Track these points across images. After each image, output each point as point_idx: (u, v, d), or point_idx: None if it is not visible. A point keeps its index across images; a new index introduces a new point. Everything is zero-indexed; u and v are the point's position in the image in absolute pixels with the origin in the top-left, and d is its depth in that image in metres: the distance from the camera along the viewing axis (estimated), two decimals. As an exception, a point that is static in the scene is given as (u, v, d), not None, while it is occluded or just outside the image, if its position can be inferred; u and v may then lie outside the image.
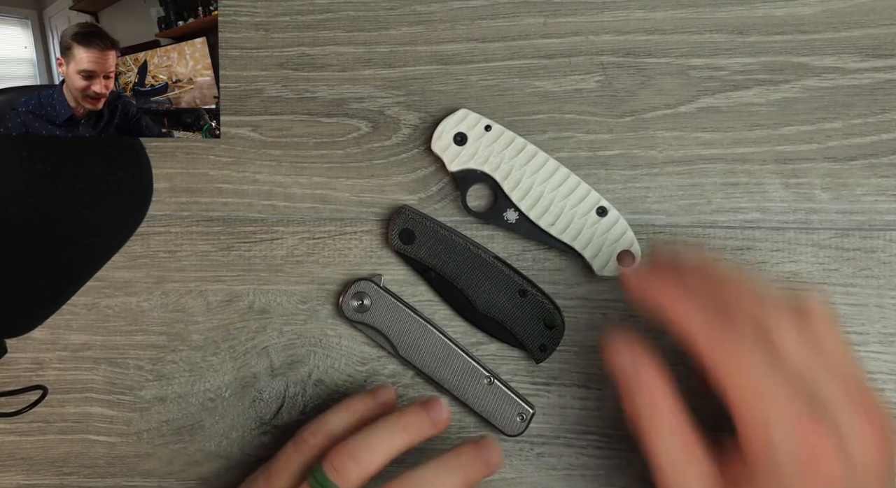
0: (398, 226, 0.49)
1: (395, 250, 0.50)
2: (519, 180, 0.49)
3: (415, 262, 0.50)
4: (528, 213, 0.49)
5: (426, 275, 0.50)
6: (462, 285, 0.49)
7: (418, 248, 0.49)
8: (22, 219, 0.48)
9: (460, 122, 0.50)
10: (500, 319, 0.49)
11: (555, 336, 0.49)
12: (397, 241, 0.49)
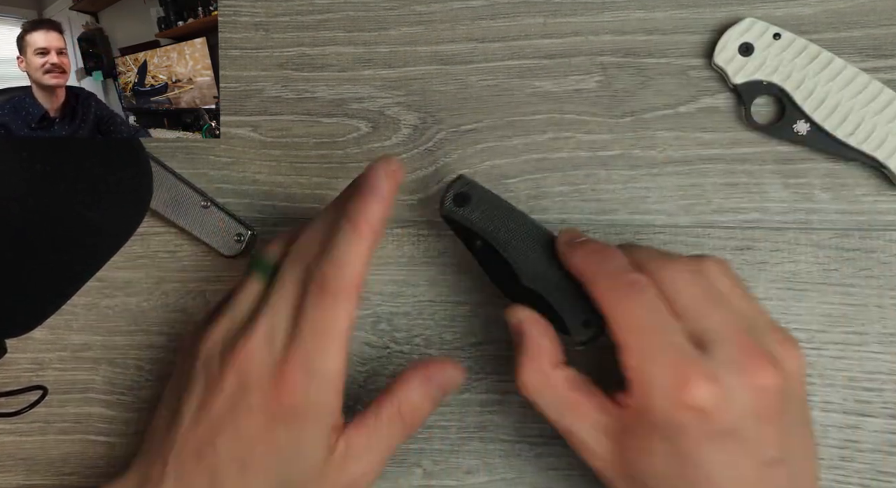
0: (454, 189, 0.46)
1: (446, 215, 0.46)
2: (812, 89, 0.48)
3: (464, 230, 0.46)
4: (822, 124, 0.48)
5: (473, 244, 0.46)
6: (510, 255, 0.45)
7: (471, 212, 0.46)
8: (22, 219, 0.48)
9: (746, 31, 0.49)
10: (544, 291, 0.45)
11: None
12: (450, 204, 0.46)
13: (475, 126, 0.51)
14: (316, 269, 0.41)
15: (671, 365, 0.38)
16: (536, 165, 0.51)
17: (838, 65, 0.49)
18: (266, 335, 0.41)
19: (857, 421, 0.49)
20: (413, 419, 0.43)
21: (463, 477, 0.50)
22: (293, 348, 0.40)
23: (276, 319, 0.41)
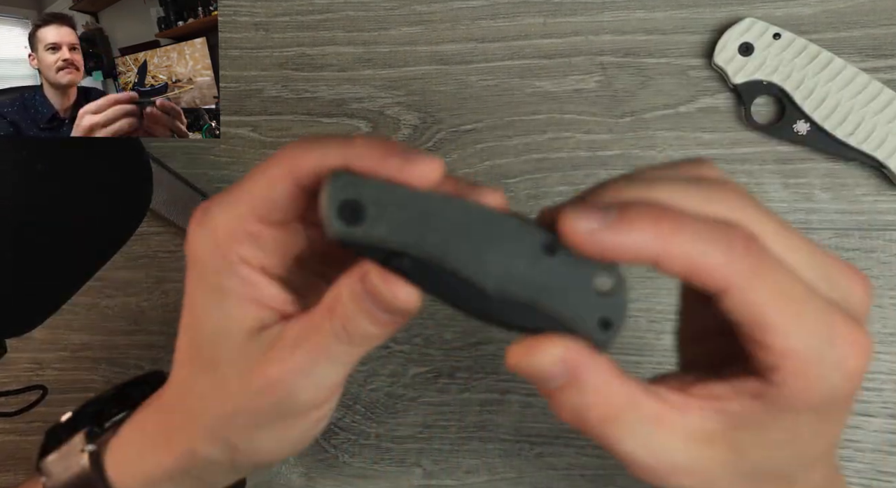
0: (334, 198, 0.29)
1: (339, 240, 0.29)
2: (812, 89, 0.48)
3: (373, 250, 0.30)
4: (822, 124, 0.48)
5: (394, 264, 0.30)
6: (455, 263, 0.30)
7: (373, 226, 0.29)
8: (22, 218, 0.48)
9: (746, 31, 0.49)
10: (527, 298, 0.30)
11: (617, 302, 0.30)
12: (337, 224, 0.29)
13: (475, 126, 0.51)
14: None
15: (837, 333, 0.29)
16: (536, 165, 0.51)
17: (838, 65, 0.49)
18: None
19: (858, 421, 0.48)
20: (347, 325, 0.33)
21: (463, 477, 0.50)
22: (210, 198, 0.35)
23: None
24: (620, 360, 0.49)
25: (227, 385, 0.34)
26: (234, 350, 0.34)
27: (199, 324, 0.34)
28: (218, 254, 0.33)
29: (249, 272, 0.34)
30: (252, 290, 0.34)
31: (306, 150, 0.32)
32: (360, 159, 0.31)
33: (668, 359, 0.49)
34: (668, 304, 0.50)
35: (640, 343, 0.50)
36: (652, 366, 0.49)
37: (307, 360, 0.33)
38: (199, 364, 0.35)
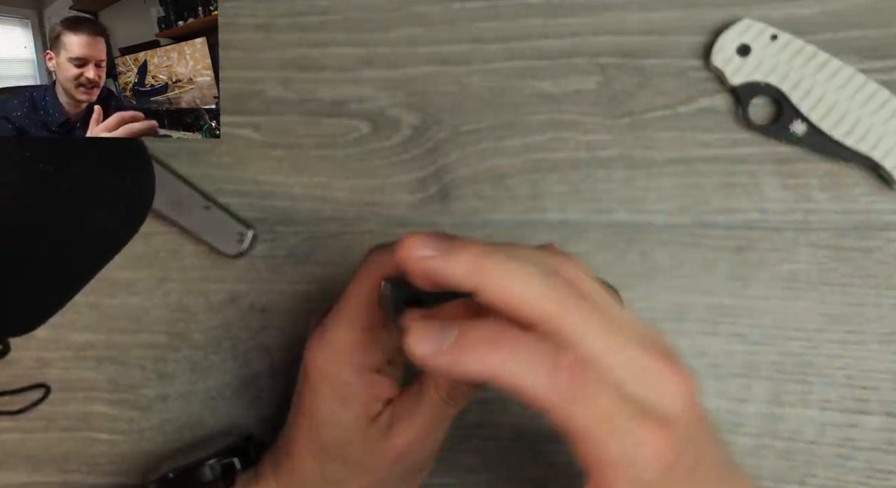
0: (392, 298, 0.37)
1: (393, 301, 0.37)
2: (810, 90, 0.48)
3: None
4: (819, 124, 0.48)
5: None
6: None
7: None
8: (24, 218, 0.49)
9: (743, 32, 0.49)
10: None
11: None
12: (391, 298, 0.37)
13: (475, 126, 0.51)
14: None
15: (642, 436, 0.32)
16: (536, 165, 0.51)
17: (835, 65, 0.49)
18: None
19: (855, 419, 0.49)
20: (450, 391, 0.40)
21: (463, 475, 0.50)
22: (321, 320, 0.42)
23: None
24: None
25: (360, 466, 0.41)
26: (362, 439, 0.41)
27: (324, 426, 0.41)
28: (344, 368, 0.41)
29: (369, 375, 0.41)
30: (373, 390, 0.41)
31: (391, 256, 0.36)
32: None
33: (667, 358, 0.50)
34: (666, 303, 0.50)
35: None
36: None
37: (425, 426, 0.41)
38: (328, 459, 0.42)
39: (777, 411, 0.49)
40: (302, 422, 0.43)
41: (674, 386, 0.34)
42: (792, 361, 0.49)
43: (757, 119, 0.50)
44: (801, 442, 0.49)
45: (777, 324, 0.49)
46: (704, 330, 0.50)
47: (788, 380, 0.49)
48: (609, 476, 0.34)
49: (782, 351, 0.49)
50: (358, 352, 0.41)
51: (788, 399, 0.49)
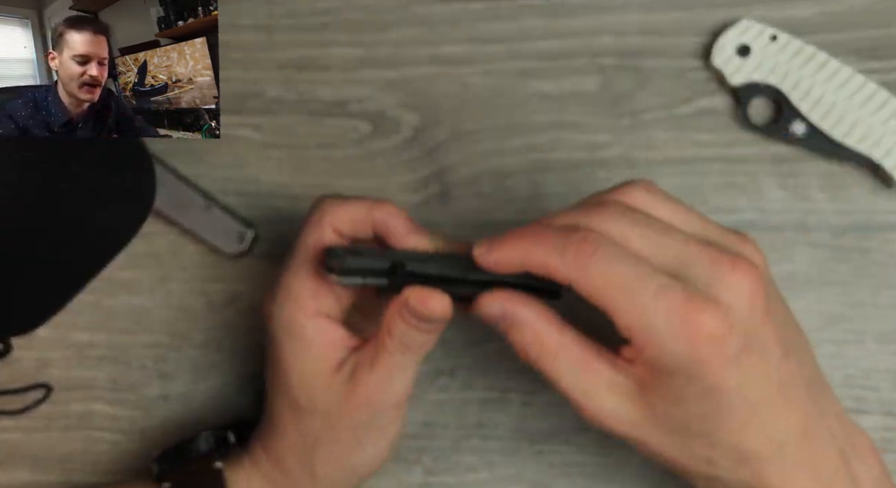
0: (333, 256, 0.40)
1: (343, 269, 0.40)
2: (809, 90, 0.49)
3: (370, 273, 0.40)
4: (818, 124, 0.48)
5: (390, 280, 0.40)
6: (437, 264, 0.41)
7: (365, 258, 0.40)
8: (26, 218, 0.49)
9: (743, 32, 0.49)
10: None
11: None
12: (340, 263, 0.40)
13: (475, 126, 0.52)
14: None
15: (666, 307, 0.35)
16: (536, 165, 0.51)
17: (834, 66, 0.49)
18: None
19: (854, 419, 0.49)
20: (401, 339, 0.41)
21: (463, 475, 0.50)
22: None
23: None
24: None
25: (329, 416, 0.42)
26: (327, 386, 0.42)
27: (289, 376, 0.43)
28: (300, 312, 0.42)
29: (322, 321, 0.42)
30: (327, 335, 0.42)
31: (340, 206, 0.42)
32: (381, 222, 0.42)
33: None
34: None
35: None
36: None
37: (383, 374, 0.42)
38: (298, 409, 0.43)
39: (776, 410, 0.49)
40: (272, 380, 0.44)
41: (729, 275, 0.36)
42: (791, 361, 0.49)
43: (756, 119, 0.50)
44: (799, 441, 0.49)
45: (776, 323, 0.49)
46: (704, 329, 0.50)
47: (787, 380, 0.49)
48: (636, 341, 0.36)
49: (781, 350, 0.49)
50: (310, 297, 0.42)
51: (787, 398, 0.49)
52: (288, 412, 0.43)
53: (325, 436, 0.43)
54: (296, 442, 0.44)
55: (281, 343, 0.43)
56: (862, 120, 0.49)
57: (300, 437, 0.44)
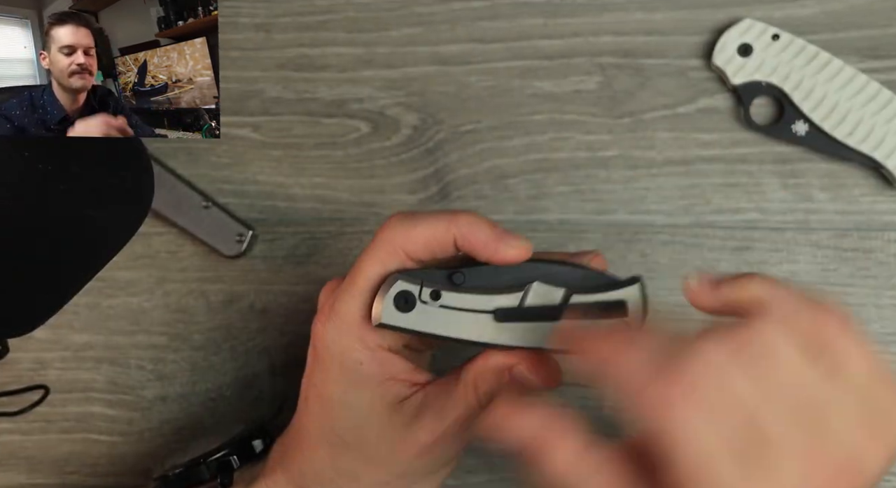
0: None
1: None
2: (811, 90, 0.48)
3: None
4: (820, 124, 0.48)
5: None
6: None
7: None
8: (24, 218, 0.48)
9: (745, 32, 0.49)
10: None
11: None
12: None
13: (475, 126, 0.51)
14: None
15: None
16: (536, 166, 0.51)
17: (836, 65, 0.49)
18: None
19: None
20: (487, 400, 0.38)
21: (464, 476, 0.50)
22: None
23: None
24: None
25: (377, 457, 0.39)
26: (381, 426, 0.38)
27: (337, 410, 0.38)
28: (355, 345, 0.38)
29: (383, 354, 0.38)
30: (388, 370, 0.38)
31: (413, 226, 0.37)
32: (464, 236, 0.37)
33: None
34: (667, 302, 0.50)
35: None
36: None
37: (455, 425, 0.38)
38: (342, 445, 0.39)
39: (778, 412, 0.49)
40: (312, 407, 0.40)
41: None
42: (793, 362, 0.49)
43: (758, 119, 0.50)
44: (801, 442, 0.49)
45: (778, 324, 0.49)
46: (705, 330, 0.50)
47: (789, 381, 0.49)
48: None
49: (783, 351, 0.49)
50: (371, 330, 0.38)
51: (789, 399, 0.49)
52: (325, 443, 0.39)
53: (367, 477, 0.39)
54: (329, 477, 0.40)
55: (330, 373, 0.38)
56: (864, 120, 0.48)
57: (335, 472, 0.40)
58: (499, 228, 0.37)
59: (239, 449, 0.46)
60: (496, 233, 0.37)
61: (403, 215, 0.38)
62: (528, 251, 0.37)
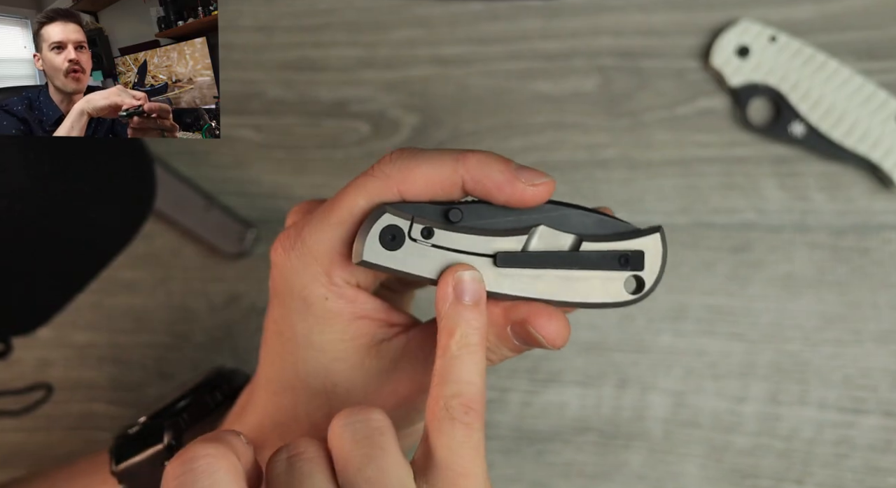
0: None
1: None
2: (808, 91, 0.49)
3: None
4: (818, 125, 0.49)
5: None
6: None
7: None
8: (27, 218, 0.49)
9: (742, 33, 0.50)
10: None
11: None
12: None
13: (475, 127, 0.52)
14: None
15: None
16: (536, 166, 0.51)
17: (833, 67, 0.49)
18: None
19: (853, 419, 0.49)
20: (490, 356, 0.34)
21: (463, 474, 0.51)
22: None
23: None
24: (619, 359, 0.50)
25: (348, 404, 0.33)
26: (352, 370, 0.34)
27: (301, 352, 0.34)
28: (320, 278, 0.33)
29: (353, 292, 0.33)
30: (359, 308, 0.34)
31: (415, 164, 0.32)
32: (475, 178, 0.32)
33: (665, 357, 0.50)
34: (665, 303, 0.50)
35: (638, 341, 0.50)
36: (649, 364, 0.50)
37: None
38: (306, 391, 0.34)
39: (775, 410, 0.49)
40: (272, 347, 0.35)
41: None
42: (790, 361, 0.49)
43: (756, 120, 0.51)
44: (798, 441, 0.49)
45: (775, 323, 0.50)
46: (703, 329, 0.50)
47: (786, 380, 0.49)
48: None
49: (780, 350, 0.49)
50: (340, 265, 0.33)
51: (786, 398, 0.49)
52: (288, 391, 0.35)
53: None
54: (292, 430, 0.35)
55: (290, 307, 0.34)
56: (861, 120, 0.49)
57: (293, 416, 0.35)
58: (514, 164, 0.32)
59: (196, 401, 0.41)
60: (512, 172, 0.32)
61: (406, 150, 0.33)
62: (550, 188, 0.33)
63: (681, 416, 0.50)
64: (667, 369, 0.50)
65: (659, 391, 0.50)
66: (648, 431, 0.50)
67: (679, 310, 0.50)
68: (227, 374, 0.43)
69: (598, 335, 0.50)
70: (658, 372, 0.50)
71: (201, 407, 0.40)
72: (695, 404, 0.49)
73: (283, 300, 0.34)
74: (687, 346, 0.50)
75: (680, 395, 0.50)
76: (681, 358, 0.50)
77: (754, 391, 0.49)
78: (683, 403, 0.50)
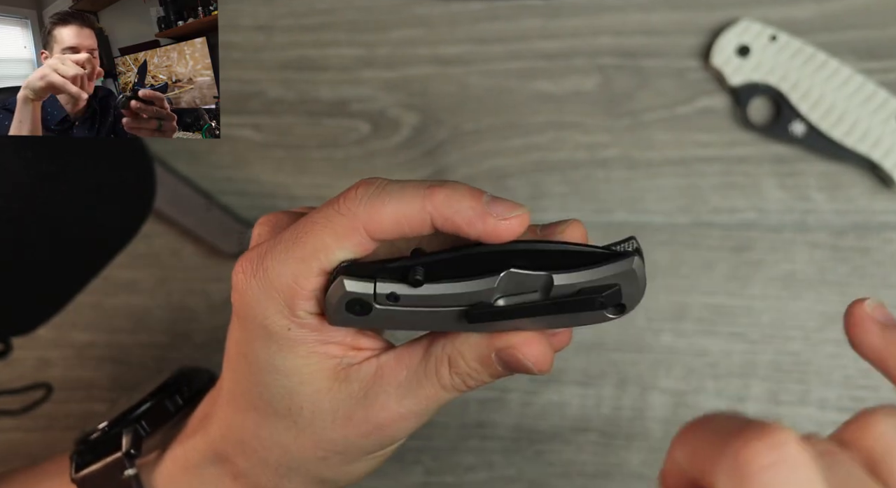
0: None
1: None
2: (808, 90, 0.49)
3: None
4: (818, 124, 0.49)
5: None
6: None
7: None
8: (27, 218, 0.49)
9: (743, 33, 0.50)
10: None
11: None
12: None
13: (475, 127, 0.52)
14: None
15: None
16: (536, 166, 0.51)
17: (834, 66, 0.49)
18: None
19: (853, 418, 0.49)
20: (462, 382, 0.33)
21: (463, 474, 0.51)
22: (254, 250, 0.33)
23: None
24: (619, 359, 0.50)
25: (314, 430, 0.33)
26: (319, 395, 0.33)
27: (265, 376, 0.33)
28: (282, 310, 0.32)
29: (316, 321, 0.32)
30: (324, 335, 0.32)
31: (381, 203, 0.30)
32: (444, 216, 0.30)
33: (666, 357, 0.50)
34: (665, 303, 0.50)
35: (638, 341, 0.50)
36: (649, 364, 0.50)
37: (420, 408, 0.33)
38: (270, 413, 0.34)
39: (775, 410, 0.49)
40: (238, 367, 0.34)
41: None
42: (790, 361, 0.49)
43: (756, 119, 0.50)
44: (799, 440, 0.49)
45: (775, 323, 0.50)
46: (703, 329, 0.50)
47: (787, 380, 0.49)
48: None
49: (781, 350, 0.49)
50: (303, 296, 0.32)
51: (787, 398, 0.49)
52: (251, 410, 0.34)
53: (299, 451, 0.34)
54: (253, 447, 0.35)
55: (252, 333, 0.32)
56: (861, 120, 0.49)
57: (259, 442, 0.34)
58: (485, 197, 0.31)
59: (156, 406, 0.41)
60: (482, 207, 0.30)
61: (372, 185, 0.31)
62: (524, 220, 0.31)
63: (681, 416, 0.49)
64: (667, 369, 0.50)
65: (659, 391, 0.50)
66: (648, 431, 0.50)
67: (679, 310, 0.50)
68: (189, 374, 0.42)
69: (598, 335, 0.50)
70: (658, 372, 0.50)
71: (162, 413, 0.40)
72: (695, 404, 0.49)
73: (244, 324, 0.33)
74: (687, 346, 0.50)
75: (680, 395, 0.50)
76: (681, 357, 0.50)
77: (755, 391, 0.49)
78: (684, 403, 0.50)
